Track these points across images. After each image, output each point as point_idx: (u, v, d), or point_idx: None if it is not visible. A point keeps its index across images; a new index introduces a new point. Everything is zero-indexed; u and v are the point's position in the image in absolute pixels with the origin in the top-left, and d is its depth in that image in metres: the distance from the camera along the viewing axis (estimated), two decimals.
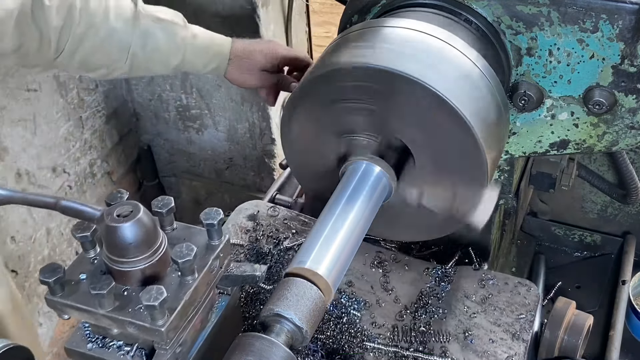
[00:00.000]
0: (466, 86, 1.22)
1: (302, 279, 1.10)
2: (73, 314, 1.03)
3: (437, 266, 1.53)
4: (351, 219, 1.20)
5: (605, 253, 2.13)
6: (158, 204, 1.08)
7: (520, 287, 1.47)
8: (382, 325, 1.41)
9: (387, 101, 1.21)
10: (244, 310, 1.45)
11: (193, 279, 1.02)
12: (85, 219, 1.02)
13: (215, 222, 1.07)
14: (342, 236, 1.17)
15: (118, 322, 0.99)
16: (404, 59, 1.20)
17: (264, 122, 2.91)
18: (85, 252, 1.07)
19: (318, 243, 1.16)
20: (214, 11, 2.62)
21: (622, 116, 1.36)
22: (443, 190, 1.27)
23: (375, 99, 1.21)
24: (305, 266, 1.12)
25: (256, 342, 1.02)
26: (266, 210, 1.67)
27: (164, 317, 0.97)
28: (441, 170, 1.25)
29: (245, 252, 1.56)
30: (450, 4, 1.38)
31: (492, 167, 1.26)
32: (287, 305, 1.06)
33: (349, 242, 1.18)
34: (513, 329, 1.39)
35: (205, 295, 1.07)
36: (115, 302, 0.99)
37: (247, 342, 1.02)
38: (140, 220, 0.97)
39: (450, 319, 1.41)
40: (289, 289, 1.09)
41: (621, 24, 1.26)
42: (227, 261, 1.12)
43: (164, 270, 1.03)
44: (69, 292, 1.02)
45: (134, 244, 0.98)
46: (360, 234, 1.21)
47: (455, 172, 1.24)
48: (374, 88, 1.20)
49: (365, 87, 1.21)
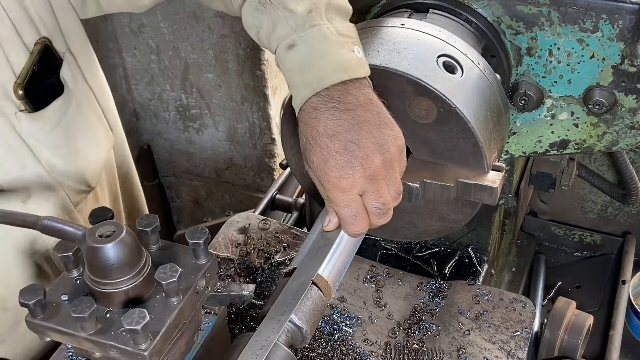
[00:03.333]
0: (466, 86, 1.22)
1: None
2: (54, 336, 1.00)
3: (430, 281, 1.51)
4: None
5: (605, 253, 2.13)
6: (142, 222, 1.05)
7: (515, 303, 1.45)
8: (374, 342, 1.39)
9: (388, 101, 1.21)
10: (234, 327, 1.42)
11: (178, 300, 0.99)
12: (67, 239, 0.99)
13: (201, 242, 1.03)
14: (343, 236, 1.17)
15: (100, 346, 0.97)
16: (404, 59, 1.20)
17: (264, 122, 2.91)
18: (67, 272, 1.04)
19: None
20: (214, 11, 2.62)
21: (622, 116, 1.36)
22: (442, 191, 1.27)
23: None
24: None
25: None
26: (257, 223, 1.66)
27: (147, 340, 0.94)
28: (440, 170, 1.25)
29: (236, 267, 1.54)
30: (450, 3, 1.38)
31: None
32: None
33: (349, 242, 1.18)
34: (508, 346, 1.36)
35: (191, 316, 1.04)
36: (97, 325, 0.96)
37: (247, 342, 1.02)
38: (123, 240, 0.94)
39: (444, 336, 1.39)
40: None
41: (621, 24, 1.26)
42: (213, 280, 1.08)
43: (148, 291, 1.00)
44: (49, 315, 0.99)
45: (116, 265, 0.95)
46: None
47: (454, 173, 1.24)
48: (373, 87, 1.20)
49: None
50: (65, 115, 1.40)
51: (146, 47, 2.85)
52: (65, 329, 0.98)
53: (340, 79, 1.07)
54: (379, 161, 1.07)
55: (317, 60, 1.08)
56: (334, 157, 1.06)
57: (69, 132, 1.42)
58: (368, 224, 1.12)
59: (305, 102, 1.08)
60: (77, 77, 1.44)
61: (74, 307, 0.95)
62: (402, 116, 1.21)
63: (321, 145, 1.07)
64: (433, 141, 1.23)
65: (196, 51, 2.77)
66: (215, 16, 2.63)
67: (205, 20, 2.66)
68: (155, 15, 2.71)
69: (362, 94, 1.08)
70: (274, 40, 1.13)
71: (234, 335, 1.37)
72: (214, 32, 2.69)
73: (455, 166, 1.23)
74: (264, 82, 2.78)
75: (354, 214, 1.09)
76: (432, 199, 1.24)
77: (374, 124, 1.08)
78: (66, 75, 1.39)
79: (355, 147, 1.06)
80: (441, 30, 1.28)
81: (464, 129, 1.19)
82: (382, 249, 1.69)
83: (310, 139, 1.08)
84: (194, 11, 2.63)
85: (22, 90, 1.28)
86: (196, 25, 2.68)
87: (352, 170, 1.06)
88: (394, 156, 1.10)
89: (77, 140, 1.45)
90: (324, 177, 1.08)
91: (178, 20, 2.69)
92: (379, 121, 1.09)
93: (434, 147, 1.23)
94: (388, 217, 1.12)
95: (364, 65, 1.11)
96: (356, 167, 1.06)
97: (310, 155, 1.09)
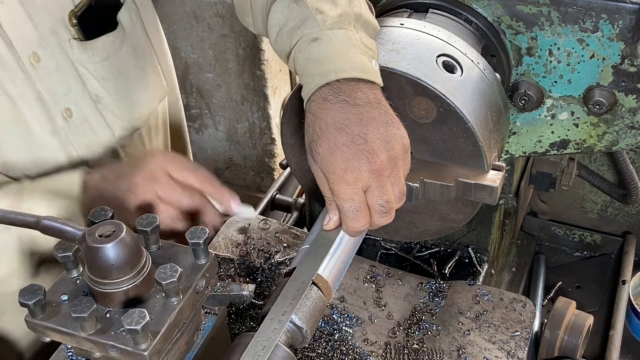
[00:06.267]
0: (466, 86, 1.22)
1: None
2: (54, 336, 0.99)
3: (430, 281, 1.51)
4: None
5: (605, 253, 2.13)
6: (142, 222, 1.05)
7: (515, 303, 1.44)
8: (374, 342, 1.38)
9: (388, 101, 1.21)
10: (234, 327, 1.41)
11: (178, 300, 0.99)
12: (67, 239, 0.99)
13: (201, 242, 1.03)
14: (343, 236, 1.17)
15: (100, 346, 0.96)
16: (403, 58, 1.20)
17: (264, 122, 2.91)
18: (67, 272, 1.03)
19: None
20: (214, 11, 2.62)
21: (622, 116, 1.36)
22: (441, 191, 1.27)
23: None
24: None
25: None
26: (257, 223, 1.66)
27: (147, 340, 0.94)
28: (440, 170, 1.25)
29: (236, 267, 1.55)
30: (450, 3, 1.38)
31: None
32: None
33: (349, 242, 1.18)
34: (508, 346, 1.36)
35: (191, 316, 1.03)
36: (97, 325, 0.96)
37: (247, 342, 1.02)
38: (123, 240, 0.94)
39: (444, 336, 1.39)
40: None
41: (621, 24, 1.27)
42: (213, 280, 1.08)
43: (148, 291, 1.00)
44: (49, 315, 0.99)
45: (116, 265, 0.94)
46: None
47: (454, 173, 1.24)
48: None
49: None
50: (116, 53, 1.51)
51: None
52: (65, 329, 0.97)
53: (355, 75, 1.09)
54: (385, 157, 1.08)
55: (337, 56, 1.11)
56: (341, 150, 1.07)
57: (119, 69, 1.52)
58: (369, 222, 1.12)
59: (315, 92, 1.09)
60: (136, 24, 1.56)
61: (73, 307, 0.94)
62: (402, 116, 1.21)
63: (329, 137, 1.07)
64: (433, 141, 1.23)
65: (196, 51, 2.77)
66: (215, 16, 2.63)
67: (205, 20, 2.66)
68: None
69: (372, 94, 1.10)
70: (297, 35, 1.15)
71: (234, 335, 1.37)
72: (214, 32, 2.69)
73: (455, 166, 1.23)
74: (264, 82, 2.78)
75: (356, 208, 1.09)
76: (432, 198, 1.24)
77: (381, 122, 1.09)
78: (124, 18, 1.52)
79: (363, 141, 1.06)
80: (441, 30, 1.28)
81: (463, 129, 1.19)
82: (382, 249, 1.69)
83: (318, 130, 1.08)
84: (193, 11, 2.63)
85: (76, 18, 1.41)
86: (196, 25, 2.68)
87: (359, 163, 1.06)
88: (399, 154, 1.10)
89: (127, 79, 1.56)
90: (329, 169, 1.08)
91: (178, 20, 2.69)
92: (386, 119, 1.10)
93: (434, 146, 1.23)
94: (390, 218, 1.12)
95: (379, 76, 1.14)
96: (362, 161, 1.06)
97: (316, 147, 1.09)
